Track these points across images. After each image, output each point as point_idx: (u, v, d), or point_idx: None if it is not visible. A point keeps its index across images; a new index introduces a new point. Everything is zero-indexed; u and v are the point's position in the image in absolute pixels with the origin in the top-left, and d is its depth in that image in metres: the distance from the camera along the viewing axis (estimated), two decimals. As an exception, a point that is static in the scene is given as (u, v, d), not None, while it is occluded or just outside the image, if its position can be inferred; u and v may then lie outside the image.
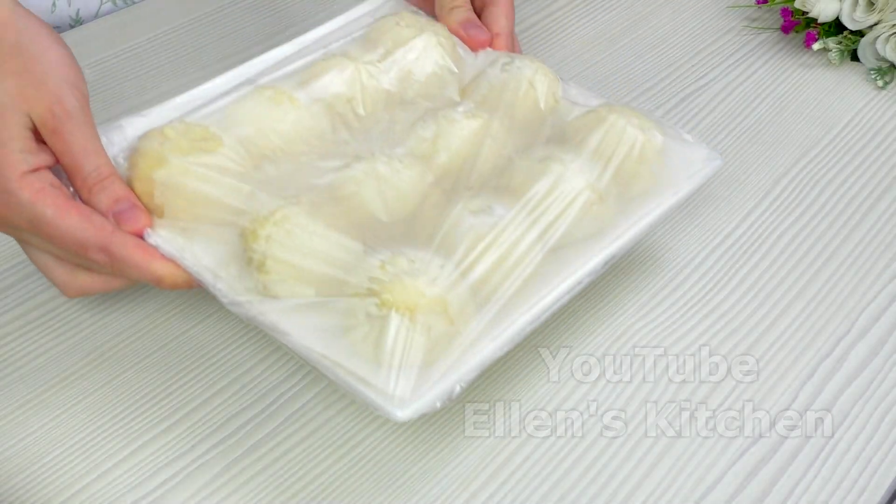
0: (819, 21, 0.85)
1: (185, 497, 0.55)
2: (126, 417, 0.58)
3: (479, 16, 0.73)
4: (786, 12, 0.87)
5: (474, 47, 0.71)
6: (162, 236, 0.56)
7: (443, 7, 0.73)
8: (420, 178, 0.61)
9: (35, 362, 0.62)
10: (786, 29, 0.87)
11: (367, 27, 0.71)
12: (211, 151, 0.59)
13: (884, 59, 0.84)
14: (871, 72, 0.84)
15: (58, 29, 0.90)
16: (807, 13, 0.85)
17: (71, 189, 0.57)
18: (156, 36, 0.90)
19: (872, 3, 0.83)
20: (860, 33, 0.85)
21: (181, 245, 0.56)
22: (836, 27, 0.86)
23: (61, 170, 0.57)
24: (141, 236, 0.56)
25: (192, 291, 0.61)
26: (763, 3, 0.90)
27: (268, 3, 0.95)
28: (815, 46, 0.85)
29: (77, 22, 0.91)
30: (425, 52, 0.69)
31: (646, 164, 0.62)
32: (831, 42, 0.85)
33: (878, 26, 0.83)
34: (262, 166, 0.61)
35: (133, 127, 0.62)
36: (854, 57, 0.86)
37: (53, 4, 0.88)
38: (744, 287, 0.66)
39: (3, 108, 0.54)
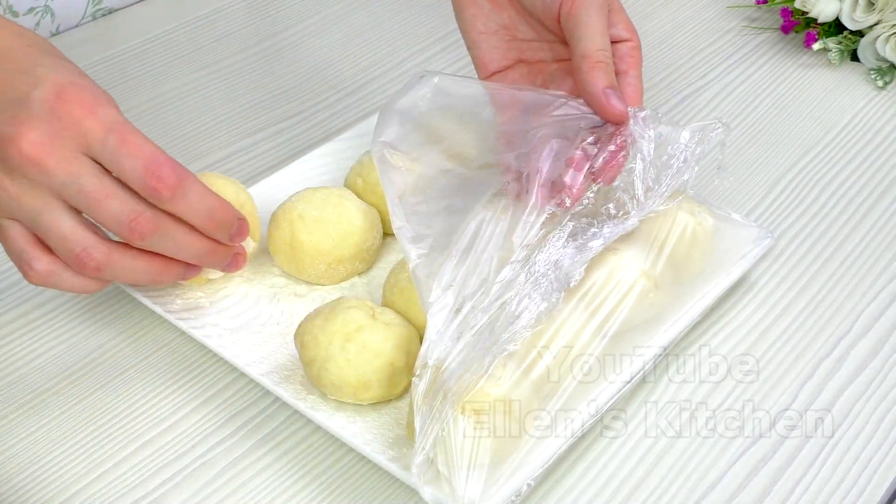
0: (819, 21, 0.85)
1: (185, 497, 0.55)
2: (126, 417, 0.58)
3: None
4: (786, 12, 0.87)
5: (610, 120, 0.58)
6: None
7: (584, 57, 0.58)
8: None
9: (35, 362, 0.62)
10: (786, 29, 0.87)
11: None
12: None
13: (884, 59, 0.84)
14: (871, 72, 0.84)
15: None
16: (807, 13, 0.85)
17: None
18: (148, 40, 0.90)
19: (872, 3, 0.83)
20: (860, 33, 0.85)
21: None
22: (836, 27, 0.86)
23: None
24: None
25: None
26: (763, 3, 0.90)
27: (262, 6, 0.95)
28: (815, 46, 0.85)
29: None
30: None
31: (698, 247, 0.62)
32: (831, 42, 0.85)
33: (878, 26, 0.83)
34: None
35: None
36: (854, 57, 0.86)
37: (37, 24, 0.88)
38: (744, 286, 0.66)
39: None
